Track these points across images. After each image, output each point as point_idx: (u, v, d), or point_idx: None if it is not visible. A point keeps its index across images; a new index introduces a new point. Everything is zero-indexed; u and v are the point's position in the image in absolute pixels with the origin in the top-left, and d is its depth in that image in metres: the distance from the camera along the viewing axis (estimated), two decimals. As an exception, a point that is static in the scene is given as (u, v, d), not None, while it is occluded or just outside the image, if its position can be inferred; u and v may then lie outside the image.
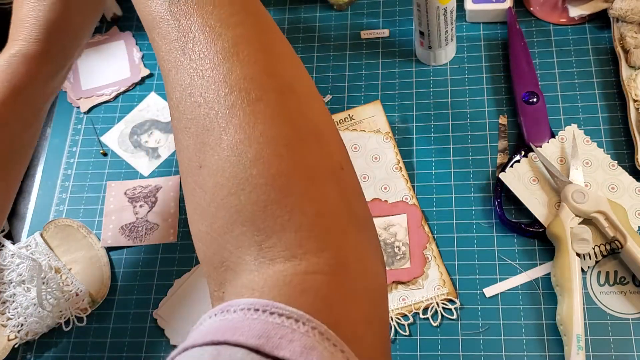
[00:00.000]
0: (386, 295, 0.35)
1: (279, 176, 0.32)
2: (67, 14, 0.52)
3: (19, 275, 0.66)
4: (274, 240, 0.31)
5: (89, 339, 0.64)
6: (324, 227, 0.32)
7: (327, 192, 0.33)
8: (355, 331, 0.30)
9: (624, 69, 0.66)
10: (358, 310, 0.31)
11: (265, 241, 0.31)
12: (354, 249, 0.33)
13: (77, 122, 0.76)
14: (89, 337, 0.64)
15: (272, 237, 0.31)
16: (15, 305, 0.65)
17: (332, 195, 0.33)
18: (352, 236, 0.33)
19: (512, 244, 0.62)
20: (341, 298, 0.30)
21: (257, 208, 0.31)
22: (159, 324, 0.64)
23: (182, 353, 0.28)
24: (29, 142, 0.55)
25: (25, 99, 0.51)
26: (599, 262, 0.60)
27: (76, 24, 0.54)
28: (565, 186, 0.60)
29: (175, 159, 0.72)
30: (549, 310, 0.59)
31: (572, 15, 0.71)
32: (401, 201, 0.65)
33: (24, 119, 0.53)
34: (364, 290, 0.32)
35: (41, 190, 0.73)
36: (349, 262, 0.32)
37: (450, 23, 0.67)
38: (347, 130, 0.69)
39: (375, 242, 0.36)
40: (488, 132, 0.68)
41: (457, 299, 0.60)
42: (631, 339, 0.57)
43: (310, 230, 0.31)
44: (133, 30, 0.82)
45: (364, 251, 0.34)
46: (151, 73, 0.78)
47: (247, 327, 0.27)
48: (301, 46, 0.77)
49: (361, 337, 0.30)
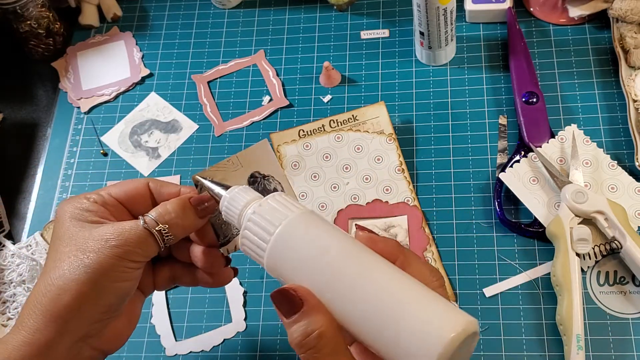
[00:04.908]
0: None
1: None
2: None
3: (19, 275, 0.66)
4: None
5: (90, 339, 0.64)
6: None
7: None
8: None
9: (623, 69, 0.66)
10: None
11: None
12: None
13: (78, 122, 0.76)
14: (90, 337, 0.64)
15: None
16: (16, 305, 0.65)
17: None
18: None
19: (512, 244, 0.62)
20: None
21: None
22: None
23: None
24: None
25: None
26: (599, 262, 0.60)
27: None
28: (565, 186, 0.60)
29: (175, 158, 0.72)
30: (549, 310, 0.59)
31: (571, 16, 0.71)
32: (402, 202, 0.65)
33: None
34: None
35: (41, 190, 0.73)
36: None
37: (450, 23, 0.67)
38: (351, 131, 0.69)
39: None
40: (488, 132, 0.68)
41: (456, 302, 0.60)
42: (631, 338, 0.57)
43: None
44: (133, 30, 0.82)
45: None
46: (151, 73, 0.78)
47: None
48: (301, 46, 0.77)
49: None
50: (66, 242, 0.44)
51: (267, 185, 0.53)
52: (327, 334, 0.37)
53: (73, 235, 0.44)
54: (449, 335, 0.33)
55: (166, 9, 0.83)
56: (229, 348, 0.62)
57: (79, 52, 0.81)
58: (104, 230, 0.44)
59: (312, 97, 0.73)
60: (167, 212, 0.46)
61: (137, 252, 0.44)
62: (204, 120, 0.74)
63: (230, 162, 0.52)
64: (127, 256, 0.44)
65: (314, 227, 0.39)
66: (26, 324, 0.43)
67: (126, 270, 0.44)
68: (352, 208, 0.66)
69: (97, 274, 0.43)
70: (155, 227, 0.45)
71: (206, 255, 0.49)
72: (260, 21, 0.80)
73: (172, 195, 0.49)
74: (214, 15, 0.81)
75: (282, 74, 0.75)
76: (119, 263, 0.43)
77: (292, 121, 0.72)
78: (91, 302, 0.43)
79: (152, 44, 0.80)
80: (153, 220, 0.45)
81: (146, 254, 0.45)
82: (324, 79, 0.73)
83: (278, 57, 0.77)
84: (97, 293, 0.43)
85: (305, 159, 0.69)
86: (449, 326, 0.33)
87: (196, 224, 0.47)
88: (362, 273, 0.37)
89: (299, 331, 0.37)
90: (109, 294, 0.44)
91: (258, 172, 0.52)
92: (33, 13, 0.76)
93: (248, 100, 0.74)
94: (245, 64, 0.77)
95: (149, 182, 0.49)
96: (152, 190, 0.49)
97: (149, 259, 0.46)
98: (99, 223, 0.45)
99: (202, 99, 0.75)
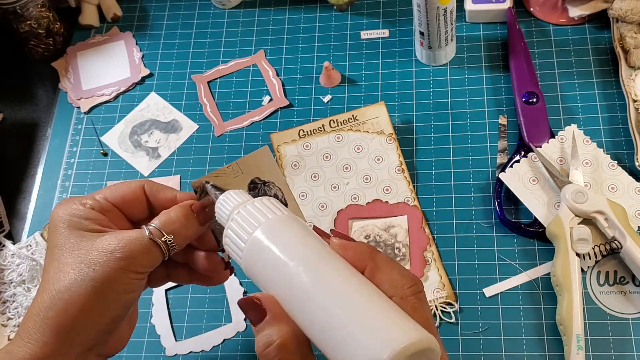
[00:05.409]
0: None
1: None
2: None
3: (19, 275, 0.66)
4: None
5: (90, 339, 0.64)
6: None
7: None
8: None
9: (623, 69, 0.66)
10: None
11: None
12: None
13: (78, 122, 0.76)
14: (90, 337, 0.64)
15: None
16: (16, 305, 0.65)
17: None
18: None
19: (511, 244, 0.62)
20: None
21: None
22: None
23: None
24: None
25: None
26: (599, 262, 0.60)
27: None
28: (565, 186, 0.60)
29: (175, 158, 0.72)
30: (549, 310, 0.59)
31: (571, 16, 0.71)
32: (402, 202, 0.65)
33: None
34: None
35: (41, 190, 0.73)
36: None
37: (450, 23, 0.67)
38: (351, 131, 0.69)
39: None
40: (488, 132, 0.68)
41: (456, 302, 0.60)
42: (631, 338, 0.57)
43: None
44: (133, 30, 0.82)
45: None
46: (151, 73, 0.78)
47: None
48: (301, 46, 0.77)
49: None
50: (67, 252, 0.44)
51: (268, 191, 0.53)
52: (288, 344, 0.36)
53: (74, 245, 0.44)
54: (391, 349, 0.32)
55: (166, 9, 0.83)
56: (229, 348, 0.62)
57: (79, 52, 0.81)
58: (108, 241, 0.44)
59: (312, 97, 0.73)
60: (172, 222, 0.45)
61: (142, 264, 0.44)
62: (204, 120, 0.74)
63: (231, 168, 0.52)
64: (132, 268, 0.43)
65: (285, 234, 0.39)
66: (33, 337, 0.42)
67: (132, 281, 0.44)
68: (352, 208, 0.66)
69: (103, 286, 0.42)
70: (160, 238, 0.44)
71: (206, 260, 0.48)
72: (260, 21, 0.80)
73: (169, 200, 0.48)
74: (214, 15, 0.81)
75: (282, 74, 0.75)
76: (124, 275, 0.43)
77: (292, 121, 0.72)
78: (98, 314, 0.43)
79: (152, 44, 0.80)
80: (158, 230, 0.45)
81: (151, 265, 0.45)
82: (324, 79, 0.73)
83: (278, 57, 0.77)
84: (104, 305, 0.43)
85: (305, 159, 0.69)
86: (394, 340, 0.32)
87: (198, 232, 0.47)
88: (316, 284, 0.36)
89: (261, 341, 0.37)
90: (116, 306, 0.44)
91: (258, 178, 0.52)
92: (33, 13, 0.76)
93: (248, 100, 0.74)
94: (245, 64, 0.77)
95: (144, 185, 0.49)
96: (147, 193, 0.48)
97: (153, 269, 0.45)
98: (100, 232, 0.45)
99: (202, 99, 0.75)
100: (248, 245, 0.39)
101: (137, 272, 0.44)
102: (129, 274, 0.43)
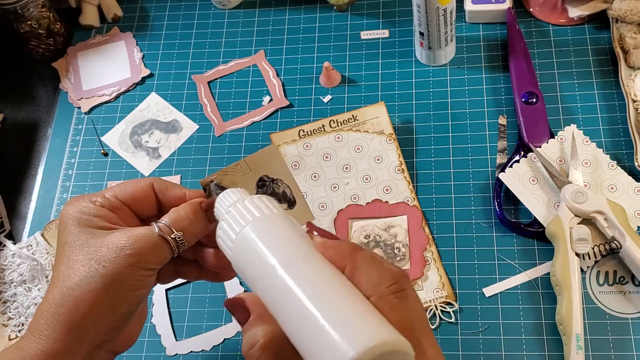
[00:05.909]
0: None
1: None
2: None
3: (20, 275, 0.66)
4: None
5: (90, 339, 0.64)
6: None
7: None
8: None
9: (623, 69, 0.66)
10: None
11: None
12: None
13: (78, 123, 0.77)
14: (90, 337, 0.65)
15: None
16: (16, 305, 0.65)
17: None
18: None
19: (511, 244, 0.62)
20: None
21: None
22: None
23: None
24: None
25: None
26: (598, 262, 0.60)
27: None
28: (565, 186, 0.60)
29: (176, 158, 0.72)
30: (549, 310, 0.59)
31: (571, 16, 0.71)
32: (402, 202, 0.65)
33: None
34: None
35: (42, 190, 0.73)
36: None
37: (450, 24, 0.67)
38: (351, 131, 0.70)
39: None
40: (487, 132, 0.68)
41: (455, 302, 0.60)
42: (630, 338, 0.57)
43: None
44: (133, 30, 0.82)
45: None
46: (151, 73, 0.78)
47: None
48: (301, 46, 0.77)
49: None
50: (77, 249, 0.44)
51: (276, 188, 0.53)
52: (270, 344, 0.36)
53: (84, 242, 0.44)
54: (358, 349, 0.31)
55: (166, 9, 0.83)
56: (229, 348, 0.62)
57: (80, 53, 0.81)
58: (118, 238, 0.44)
59: (312, 97, 0.73)
60: (181, 219, 0.45)
61: (152, 261, 0.44)
62: (204, 121, 0.74)
63: (239, 166, 0.51)
64: (142, 265, 0.44)
65: (271, 232, 0.39)
66: (43, 333, 0.43)
67: (141, 278, 0.44)
68: (352, 208, 0.66)
69: (113, 283, 0.43)
70: (170, 235, 0.45)
71: (215, 256, 0.48)
72: (260, 21, 0.80)
73: (179, 198, 0.48)
74: (214, 16, 0.81)
75: (282, 74, 0.75)
76: (134, 272, 0.43)
77: (292, 121, 0.72)
78: (108, 311, 0.43)
79: (153, 44, 0.80)
80: (167, 227, 0.45)
81: (161, 261, 0.45)
82: (324, 79, 0.73)
83: (278, 57, 0.77)
84: (114, 302, 0.43)
85: (305, 159, 0.69)
86: (362, 340, 0.32)
87: (207, 229, 0.47)
88: (292, 283, 0.36)
89: (246, 341, 0.37)
90: (126, 302, 0.44)
91: (267, 175, 0.52)
92: (34, 13, 0.76)
93: (248, 101, 0.74)
94: (246, 64, 0.77)
95: (153, 183, 0.49)
96: (157, 191, 0.49)
97: (162, 265, 0.46)
98: (109, 229, 0.45)
99: (202, 99, 0.75)
100: (237, 242, 0.39)
101: (147, 269, 0.44)
102: (139, 270, 0.43)
